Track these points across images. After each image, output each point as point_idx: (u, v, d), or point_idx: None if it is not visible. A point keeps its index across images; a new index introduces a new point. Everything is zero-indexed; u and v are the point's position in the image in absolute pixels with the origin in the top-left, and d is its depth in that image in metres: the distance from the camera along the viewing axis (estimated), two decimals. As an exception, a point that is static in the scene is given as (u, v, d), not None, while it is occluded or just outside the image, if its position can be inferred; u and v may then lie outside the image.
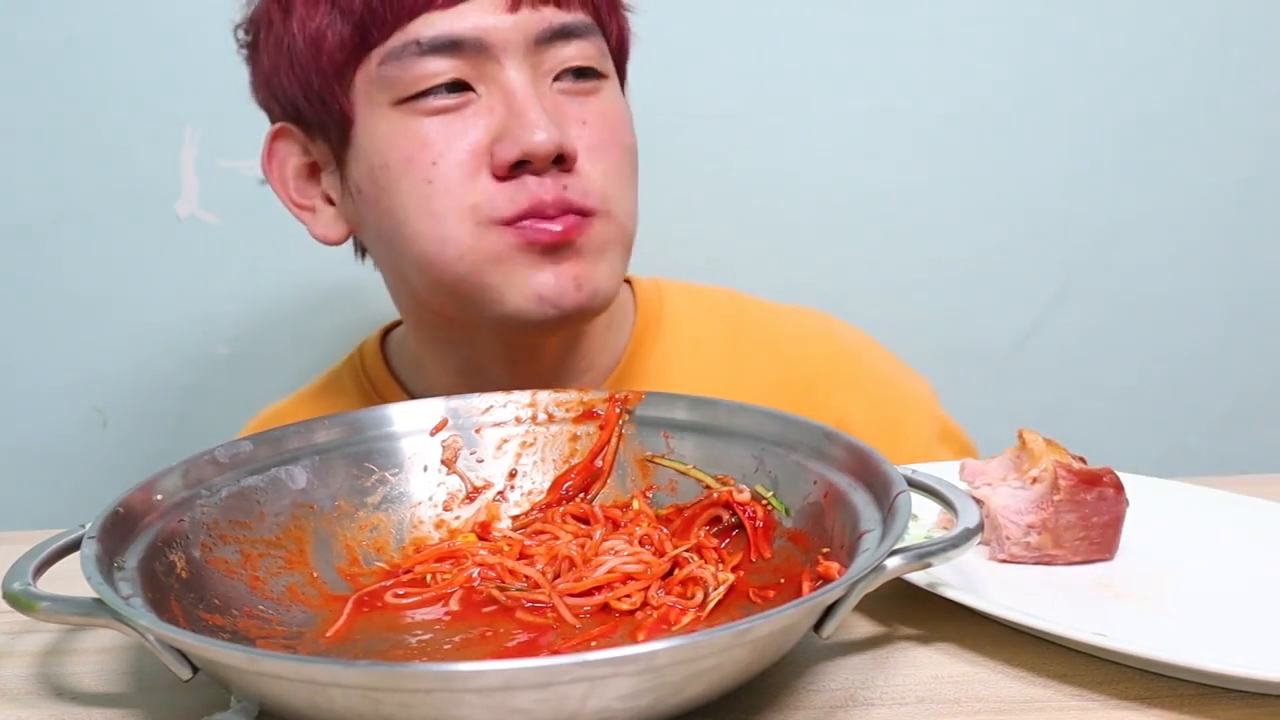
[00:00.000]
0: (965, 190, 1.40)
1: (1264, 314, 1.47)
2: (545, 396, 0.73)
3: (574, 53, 0.82)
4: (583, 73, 0.83)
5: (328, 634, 0.58)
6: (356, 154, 0.83)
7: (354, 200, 0.85)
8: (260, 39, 0.86)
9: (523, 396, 0.73)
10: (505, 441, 0.72)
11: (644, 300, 0.98)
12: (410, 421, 0.71)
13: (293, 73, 0.83)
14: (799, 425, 0.66)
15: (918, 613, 0.61)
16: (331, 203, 0.88)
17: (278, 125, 0.88)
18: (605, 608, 0.60)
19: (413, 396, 0.94)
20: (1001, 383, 1.45)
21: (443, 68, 0.79)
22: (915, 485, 0.59)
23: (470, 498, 0.70)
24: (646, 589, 0.60)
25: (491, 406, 0.72)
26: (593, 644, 0.56)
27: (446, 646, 0.57)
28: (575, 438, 0.72)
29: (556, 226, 0.79)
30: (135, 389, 1.35)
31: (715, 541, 0.64)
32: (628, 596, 0.60)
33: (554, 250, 0.80)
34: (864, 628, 0.61)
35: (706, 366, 0.96)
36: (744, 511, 0.64)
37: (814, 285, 1.36)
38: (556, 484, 0.71)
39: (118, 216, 1.31)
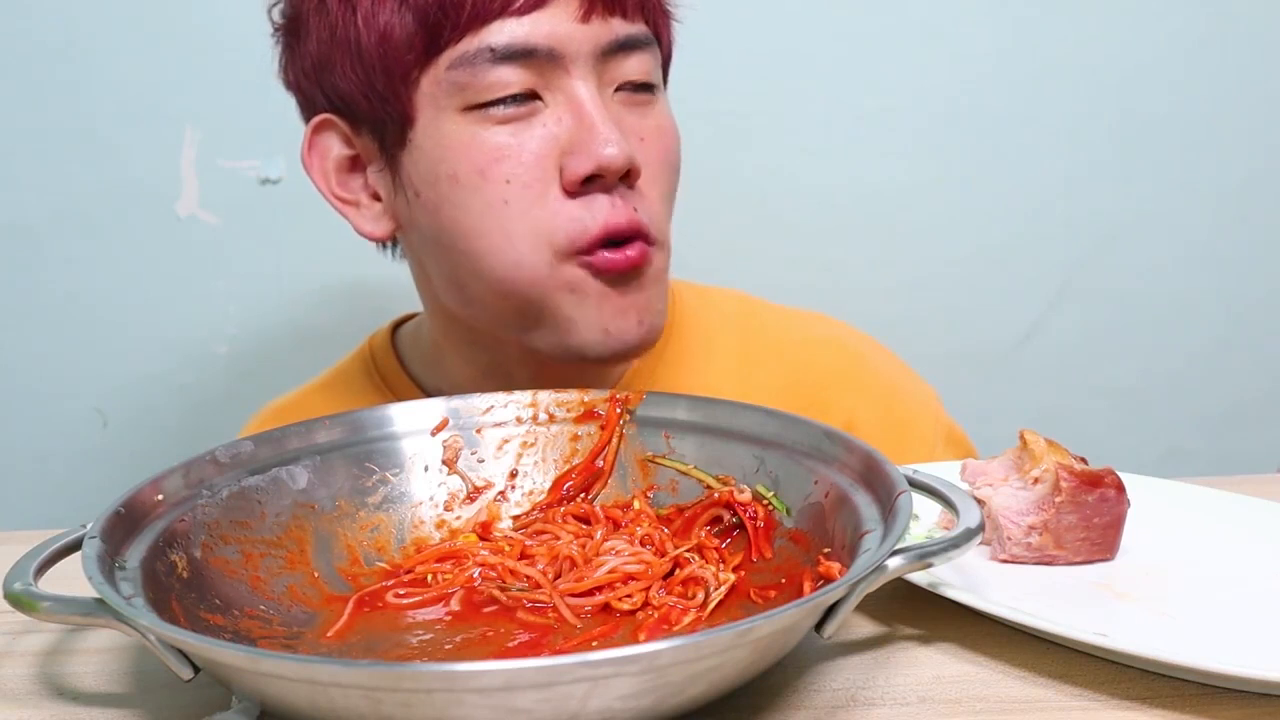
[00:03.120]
0: (965, 190, 1.40)
1: (1263, 315, 1.48)
2: (546, 397, 0.73)
3: (635, 65, 0.82)
4: (641, 86, 0.83)
5: (329, 634, 0.58)
6: (416, 156, 0.82)
7: (408, 201, 0.83)
8: (307, 25, 0.83)
9: (523, 396, 0.73)
10: (506, 441, 0.72)
11: None
12: (411, 422, 0.71)
13: (354, 69, 0.81)
14: (800, 425, 0.66)
15: (919, 613, 0.61)
16: (377, 198, 0.86)
17: (321, 117, 0.85)
18: (606, 608, 0.60)
19: (426, 392, 0.94)
20: (1001, 383, 1.45)
21: (514, 77, 0.78)
22: (916, 485, 0.59)
23: (471, 498, 0.70)
24: (647, 589, 0.60)
25: (492, 407, 0.72)
26: (594, 644, 0.56)
27: (447, 646, 0.57)
28: (576, 438, 0.72)
29: (629, 253, 0.80)
30: (135, 389, 1.35)
31: (716, 541, 0.64)
32: (629, 597, 0.60)
33: (624, 279, 0.80)
34: (865, 628, 0.61)
35: (716, 368, 0.96)
36: (745, 511, 0.64)
37: (814, 285, 1.36)
38: (557, 484, 0.71)
39: (118, 216, 1.31)
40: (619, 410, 0.71)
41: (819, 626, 0.53)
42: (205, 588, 0.58)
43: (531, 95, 0.79)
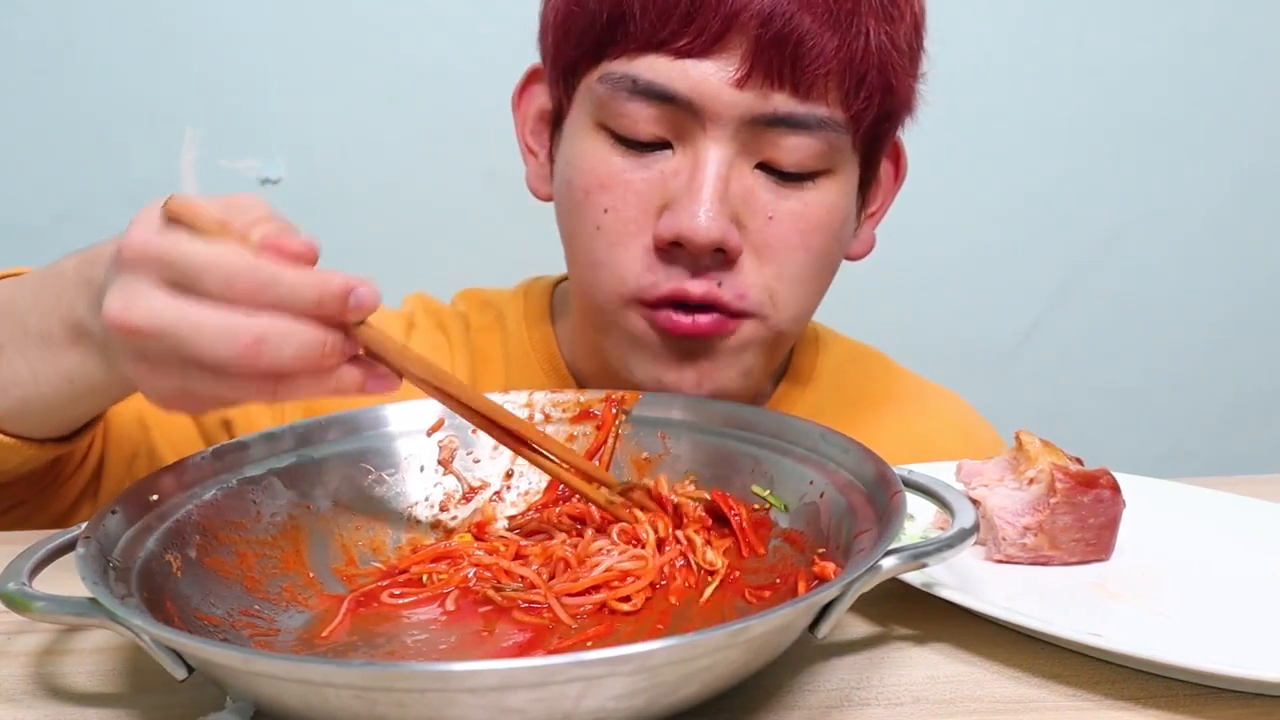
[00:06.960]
0: (965, 190, 1.40)
1: (1264, 314, 1.48)
2: (542, 397, 0.73)
3: (792, 147, 0.75)
4: (789, 175, 0.77)
5: (323, 634, 0.58)
6: (561, 144, 0.82)
7: (551, 177, 0.85)
8: None
9: (519, 397, 0.72)
10: (502, 442, 0.72)
11: (802, 344, 0.96)
12: (407, 421, 0.71)
13: (545, 40, 0.83)
14: (796, 425, 0.66)
15: (913, 613, 0.61)
16: (552, 159, 0.86)
17: (535, 65, 0.86)
18: (602, 607, 0.60)
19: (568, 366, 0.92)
20: (1001, 383, 1.45)
21: (648, 115, 0.75)
22: (912, 486, 0.59)
23: (466, 498, 0.70)
24: (646, 586, 0.60)
25: (488, 406, 0.72)
26: (588, 644, 0.56)
27: (442, 646, 0.57)
28: (572, 438, 0.71)
29: (700, 319, 0.76)
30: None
31: (705, 527, 0.65)
32: (627, 599, 0.60)
33: (688, 343, 0.77)
34: (859, 628, 0.61)
35: (852, 427, 0.92)
36: (728, 508, 0.64)
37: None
38: (553, 484, 0.71)
39: (118, 216, 1.31)
40: (615, 410, 0.71)
41: (813, 626, 0.53)
42: (200, 588, 0.58)
43: (662, 144, 0.77)
